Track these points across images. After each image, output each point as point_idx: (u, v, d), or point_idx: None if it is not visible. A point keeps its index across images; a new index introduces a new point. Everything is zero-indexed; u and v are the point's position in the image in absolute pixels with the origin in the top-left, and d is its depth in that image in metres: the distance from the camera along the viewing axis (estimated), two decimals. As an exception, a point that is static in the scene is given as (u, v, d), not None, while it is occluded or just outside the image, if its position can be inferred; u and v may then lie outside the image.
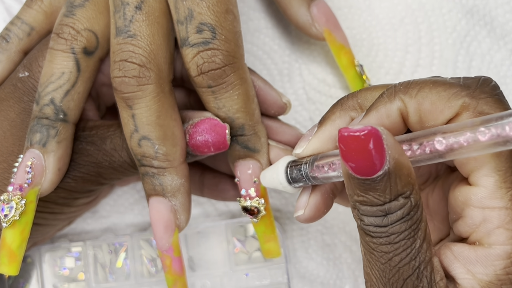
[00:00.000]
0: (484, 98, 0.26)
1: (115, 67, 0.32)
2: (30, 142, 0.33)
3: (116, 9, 0.32)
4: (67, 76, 0.33)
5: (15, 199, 0.31)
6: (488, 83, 0.27)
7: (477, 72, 0.43)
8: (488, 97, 0.26)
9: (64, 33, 0.33)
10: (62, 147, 0.33)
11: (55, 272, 0.40)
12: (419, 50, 0.44)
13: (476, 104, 0.26)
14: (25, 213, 0.32)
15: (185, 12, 0.32)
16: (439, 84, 0.27)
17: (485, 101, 0.26)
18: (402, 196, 0.25)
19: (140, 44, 0.31)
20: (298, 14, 0.40)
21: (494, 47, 0.43)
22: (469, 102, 0.26)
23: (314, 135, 0.30)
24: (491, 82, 0.27)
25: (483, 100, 0.26)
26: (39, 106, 0.33)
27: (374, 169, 0.25)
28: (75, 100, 0.33)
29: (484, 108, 0.26)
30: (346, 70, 0.41)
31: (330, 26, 0.40)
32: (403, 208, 0.25)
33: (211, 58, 0.32)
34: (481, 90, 0.26)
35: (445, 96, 0.26)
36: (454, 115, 0.26)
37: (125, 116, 0.32)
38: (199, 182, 0.40)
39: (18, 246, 0.32)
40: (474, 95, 0.26)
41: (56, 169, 0.33)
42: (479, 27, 0.43)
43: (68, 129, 0.33)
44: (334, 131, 0.30)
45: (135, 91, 0.31)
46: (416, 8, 0.44)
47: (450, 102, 0.26)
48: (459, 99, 0.26)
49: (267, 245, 0.35)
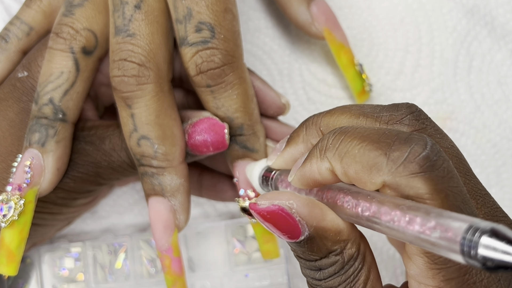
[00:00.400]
0: (406, 177, 0.22)
1: (114, 66, 0.32)
2: (29, 142, 0.33)
3: (115, 8, 0.32)
4: (66, 75, 0.33)
5: (13, 199, 0.31)
6: (422, 145, 0.23)
7: (478, 72, 0.43)
8: (411, 175, 0.22)
9: (63, 32, 0.33)
10: (61, 147, 0.33)
11: (55, 272, 0.40)
12: (420, 50, 0.43)
13: (397, 186, 0.23)
14: (24, 213, 0.32)
15: (184, 11, 0.32)
16: (367, 145, 0.24)
17: (407, 182, 0.22)
18: (332, 254, 0.25)
19: (139, 43, 0.31)
20: (298, 13, 0.40)
21: (495, 47, 0.43)
22: (390, 182, 0.23)
23: (281, 153, 0.30)
24: (426, 143, 0.23)
25: (405, 181, 0.22)
26: (38, 106, 0.33)
27: (296, 235, 0.25)
28: (74, 100, 0.33)
29: (408, 192, 0.22)
30: (346, 69, 0.41)
31: (329, 25, 0.40)
32: (335, 265, 0.25)
33: (210, 57, 0.32)
34: (407, 162, 0.22)
35: (368, 168, 0.23)
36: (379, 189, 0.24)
37: (124, 115, 0.32)
38: (198, 182, 0.40)
39: (17, 246, 0.32)
40: (397, 172, 0.23)
41: (55, 169, 0.33)
42: (479, 27, 0.43)
43: (67, 129, 0.33)
44: (296, 154, 0.29)
45: (134, 90, 0.31)
46: (416, 8, 0.44)
47: (371, 178, 0.23)
48: (380, 176, 0.23)
49: (265, 246, 0.35)
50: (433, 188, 0.22)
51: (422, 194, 0.22)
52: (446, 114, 0.43)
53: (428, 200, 0.22)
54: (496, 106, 0.43)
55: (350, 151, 0.24)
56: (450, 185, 0.23)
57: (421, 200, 0.22)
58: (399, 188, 0.23)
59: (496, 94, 0.43)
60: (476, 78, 0.43)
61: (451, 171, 0.23)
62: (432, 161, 0.22)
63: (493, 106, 0.43)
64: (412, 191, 0.22)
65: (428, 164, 0.22)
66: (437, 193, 0.22)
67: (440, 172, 0.22)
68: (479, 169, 0.43)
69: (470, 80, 0.43)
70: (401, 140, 0.23)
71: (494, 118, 0.43)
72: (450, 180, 0.23)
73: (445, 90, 0.43)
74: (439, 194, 0.22)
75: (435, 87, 0.43)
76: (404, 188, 0.22)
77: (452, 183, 0.23)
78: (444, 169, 0.23)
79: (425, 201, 0.22)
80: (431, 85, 0.43)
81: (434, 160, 0.22)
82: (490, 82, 0.43)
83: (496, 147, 0.43)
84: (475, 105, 0.43)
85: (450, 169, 0.23)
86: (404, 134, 0.23)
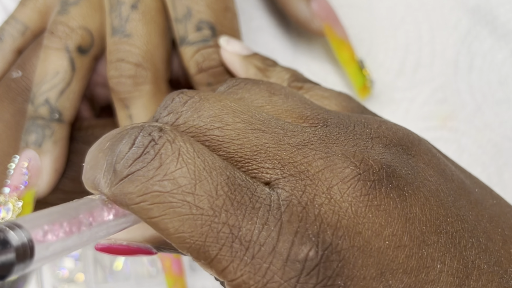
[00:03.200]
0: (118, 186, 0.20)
1: (112, 67, 0.32)
2: (25, 143, 0.33)
3: (112, 8, 0.32)
4: (62, 75, 0.33)
5: (11, 201, 0.31)
6: (129, 142, 0.20)
7: (479, 71, 0.43)
8: (120, 183, 0.19)
9: (58, 31, 0.33)
10: (58, 147, 0.33)
11: (55, 273, 0.40)
12: (420, 49, 0.43)
13: (114, 198, 0.20)
14: (22, 215, 0.32)
15: (183, 11, 0.32)
16: (98, 152, 0.21)
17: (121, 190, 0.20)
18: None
19: (136, 44, 0.31)
20: (297, 9, 0.40)
21: (496, 46, 0.43)
22: (109, 196, 0.20)
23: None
24: (135, 137, 0.20)
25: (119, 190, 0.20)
26: (34, 106, 0.33)
27: (147, 252, 0.23)
28: (71, 100, 0.33)
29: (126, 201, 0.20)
30: (347, 65, 0.41)
31: (330, 21, 0.40)
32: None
33: (211, 55, 0.32)
34: (114, 169, 0.20)
35: (93, 181, 0.21)
36: None
37: (122, 116, 0.32)
38: None
39: (15, 248, 0.32)
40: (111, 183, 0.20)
41: (53, 170, 0.33)
42: (480, 26, 0.43)
43: (64, 129, 0.33)
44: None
45: (132, 91, 0.31)
46: (416, 7, 0.44)
47: (98, 193, 0.21)
48: (102, 191, 0.20)
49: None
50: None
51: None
52: (446, 114, 0.43)
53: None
54: (497, 106, 0.43)
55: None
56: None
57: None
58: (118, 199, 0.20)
59: (497, 94, 0.43)
60: (477, 77, 0.43)
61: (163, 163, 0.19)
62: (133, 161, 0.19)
63: (494, 105, 0.43)
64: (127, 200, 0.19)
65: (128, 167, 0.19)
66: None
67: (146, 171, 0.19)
68: (480, 169, 0.43)
69: (471, 79, 0.43)
70: (114, 141, 0.20)
71: (495, 118, 0.43)
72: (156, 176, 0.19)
73: (445, 90, 0.43)
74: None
75: (435, 87, 0.43)
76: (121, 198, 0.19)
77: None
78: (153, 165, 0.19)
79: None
80: (432, 85, 0.43)
81: (138, 158, 0.19)
82: (491, 81, 0.43)
83: (497, 146, 0.43)
84: (476, 105, 0.43)
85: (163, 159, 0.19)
86: (118, 130, 0.21)
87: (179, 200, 0.18)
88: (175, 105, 0.22)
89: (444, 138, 0.42)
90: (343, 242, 0.19)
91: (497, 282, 0.20)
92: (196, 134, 0.21)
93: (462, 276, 0.20)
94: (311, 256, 0.18)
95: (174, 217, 0.18)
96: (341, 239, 0.19)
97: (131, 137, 0.20)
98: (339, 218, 0.19)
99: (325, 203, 0.19)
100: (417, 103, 0.43)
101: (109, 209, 0.20)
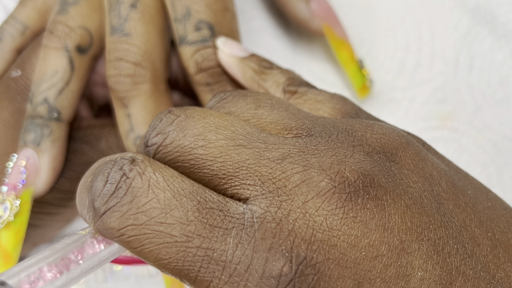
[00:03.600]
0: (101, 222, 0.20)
1: (110, 66, 0.32)
2: (24, 142, 0.33)
3: (111, 8, 0.32)
4: (61, 74, 0.33)
5: (9, 200, 0.31)
6: (102, 179, 0.21)
7: (479, 71, 0.43)
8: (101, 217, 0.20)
9: (57, 30, 0.33)
10: (57, 147, 0.33)
11: (54, 273, 0.40)
12: (420, 49, 0.43)
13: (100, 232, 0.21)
14: (20, 214, 0.32)
15: (182, 10, 0.32)
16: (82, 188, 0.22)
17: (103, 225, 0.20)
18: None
19: (135, 43, 0.31)
20: (297, 9, 0.40)
21: (496, 46, 0.43)
22: (96, 230, 0.21)
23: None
24: (108, 174, 0.21)
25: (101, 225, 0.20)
26: (32, 105, 0.33)
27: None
28: (69, 99, 0.33)
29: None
30: (346, 65, 0.41)
31: (329, 21, 0.40)
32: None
33: (210, 55, 0.32)
34: (92, 206, 0.20)
35: (81, 213, 0.22)
36: None
37: (121, 115, 0.32)
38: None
39: (13, 247, 0.32)
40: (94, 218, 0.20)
41: (51, 169, 0.33)
42: (480, 26, 0.43)
43: (62, 128, 0.33)
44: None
45: (131, 90, 0.31)
46: (416, 7, 0.43)
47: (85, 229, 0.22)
48: (89, 225, 0.21)
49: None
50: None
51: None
52: (446, 114, 0.43)
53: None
54: (496, 106, 0.43)
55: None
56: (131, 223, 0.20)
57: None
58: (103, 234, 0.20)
59: (497, 94, 0.43)
60: (477, 77, 0.43)
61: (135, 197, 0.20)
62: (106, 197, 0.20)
63: (493, 105, 0.43)
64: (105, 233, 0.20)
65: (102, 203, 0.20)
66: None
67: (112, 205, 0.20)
68: (480, 169, 0.42)
69: (471, 79, 0.43)
70: (93, 177, 0.21)
71: (495, 118, 0.43)
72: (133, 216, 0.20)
73: (445, 90, 0.43)
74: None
75: (435, 87, 0.43)
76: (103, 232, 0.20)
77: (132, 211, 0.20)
78: (125, 200, 0.20)
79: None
80: (432, 85, 0.43)
81: (111, 194, 0.20)
82: (491, 81, 0.43)
83: (497, 146, 0.43)
84: (476, 105, 0.43)
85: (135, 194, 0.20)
86: (98, 164, 0.22)
87: (152, 231, 0.19)
88: (163, 125, 0.23)
89: (444, 138, 0.42)
90: (318, 256, 0.19)
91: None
92: (182, 154, 0.22)
93: (446, 283, 0.20)
94: (285, 272, 0.19)
95: (151, 247, 0.19)
96: (316, 253, 0.19)
97: (104, 174, 0.21)
98: (314, 232, 0.19)
99: (300, 217, 0.19)
100: (417, 103, 0.42)
101: (99, 241, 0.20)
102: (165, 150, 0.22)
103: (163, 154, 0.22)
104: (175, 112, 0.23)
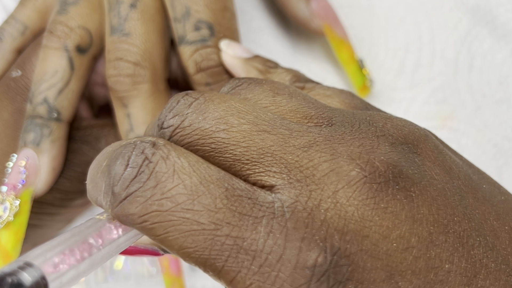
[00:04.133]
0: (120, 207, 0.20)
1: (110, 66, 0.32)
2: (24, 142, 0.33)
3: (111, 7, 0.32)
4: (61, 74, 0.33)
5: (9, 200, 0.31)
6: (123, 163, 0.20)
7: (479, 71, 0.43)
8: (120, 205, 0.20)
9: (57, 30, 0.33)
10: (57, 146, 0.33)
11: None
12: (420, 49, 0.43)
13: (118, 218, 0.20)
14: (19, 214, 0.32)
15: (182, 10, 0.32)
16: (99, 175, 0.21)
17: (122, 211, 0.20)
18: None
19: (135, 43, 0.31)
20: (297, 9, 0.40)
21: (496, 46, 0.43)
22: (113, 216, 0.20)
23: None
24: (128, 157, 0.20)
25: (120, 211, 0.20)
26: (32, 105, 0.33)
27: (155, 253, 0.23)
28: (69, 99, 0.33)
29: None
30: (347, 65, 0.41)
31: (329, 21, 0.40)
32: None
33: (210, 55, 0.32)
34: (112, 190, 0.20)
35: (96, 203, 0.21)
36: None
37: (121, 115, 0.32)
38: None
39: (12, 247, 0.32)
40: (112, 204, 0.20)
41: (51, 169, 0.33)
42: (480, 26, 0.43)
43: (62, 128, 0.33)
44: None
45: (130, 90, 0.31)
46: (416, 7, 0.43)
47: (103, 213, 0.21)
48: (106, 212, 0.21)
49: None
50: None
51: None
52: (446, 114, 0.43)
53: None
54: (496, 105, 0.43)
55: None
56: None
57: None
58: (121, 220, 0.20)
59: (497, 94, 0.43)
60: (477, 77, 0.43)
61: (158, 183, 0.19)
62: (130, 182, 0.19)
63: (493, 105, 0.43)
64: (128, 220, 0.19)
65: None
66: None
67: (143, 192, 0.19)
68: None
69: (471, 79, 0.43)
70: (110, 161, 0.20)
71: (495, 118, 0.43)
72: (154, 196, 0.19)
73: (445, 90, 0.43)
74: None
75: (435, 87, 0.43)
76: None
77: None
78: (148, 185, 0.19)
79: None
80: (432, 85, 0.43)
81: (134, 179, 0.19)
82: (491, 81, 0.43)
83: (497, 146, 0.43)
84: (476, 105, 0.43)
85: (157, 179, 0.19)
86: (114, 147, 0.21)
87: (179, 217, 0.19)
88: (180, 107, 0.22)
89: (444, 138, 0.42)
90: (351, 246, 0.18)
91: (504, 281, 0.20)
92: (202, 137, 0.21)
93: (470, 275, 0.20)
94: (320, 262, 0.18)
95: (176, 234, 0.19)
96: (349, 243, 0.18)
97: (124, 157, 0.20)
98: (346, 222, 0.19)
99: (331, 207, 0.19)
100: (417, 103, 0.42)
101: (116, 227, 0.20)
102: (183, 133, 0.21)
103: (180, 136, 0.21)
104: (193, 95, 0.22)
